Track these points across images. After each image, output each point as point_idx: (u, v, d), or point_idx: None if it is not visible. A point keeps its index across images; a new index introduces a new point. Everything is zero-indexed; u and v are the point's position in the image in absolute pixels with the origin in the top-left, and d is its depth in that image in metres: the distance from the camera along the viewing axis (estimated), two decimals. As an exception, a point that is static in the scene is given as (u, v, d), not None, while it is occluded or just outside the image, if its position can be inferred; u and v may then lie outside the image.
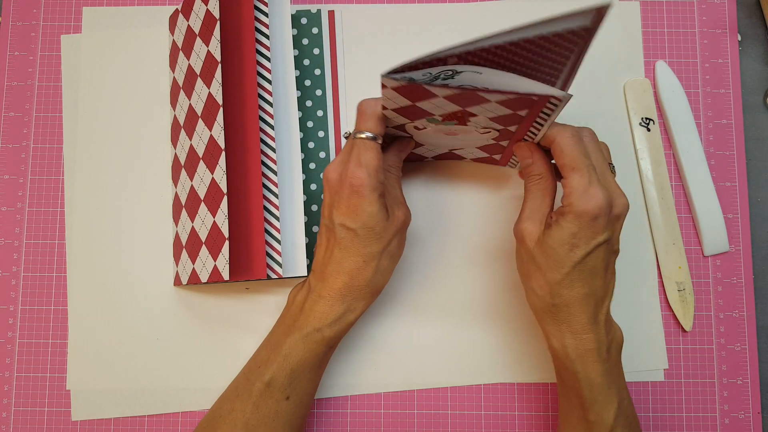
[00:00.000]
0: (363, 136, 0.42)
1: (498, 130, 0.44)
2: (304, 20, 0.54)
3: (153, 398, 0.51)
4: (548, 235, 0.41)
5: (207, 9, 0.48)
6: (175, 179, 0.53)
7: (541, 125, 0.41)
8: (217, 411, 0.45)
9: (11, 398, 0.52)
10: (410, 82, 0.37)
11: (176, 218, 0.52)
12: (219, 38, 0.47)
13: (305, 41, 0.54)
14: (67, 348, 0.52)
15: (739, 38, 0.56)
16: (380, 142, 0.42)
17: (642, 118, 0.54)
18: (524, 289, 0.44)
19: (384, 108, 0.42)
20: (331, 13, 0.55)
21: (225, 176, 0.46)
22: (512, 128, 0.43)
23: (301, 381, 0.44)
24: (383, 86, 0.40)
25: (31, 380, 0.52)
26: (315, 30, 0.54)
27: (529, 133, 0.43)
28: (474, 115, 0.41)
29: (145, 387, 0.52)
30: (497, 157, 0.50)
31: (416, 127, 0.45)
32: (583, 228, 0.39)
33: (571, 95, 0.38)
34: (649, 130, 0.54)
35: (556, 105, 0.38)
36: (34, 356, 0.52)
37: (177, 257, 0.52)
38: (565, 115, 0.51)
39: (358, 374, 0.52)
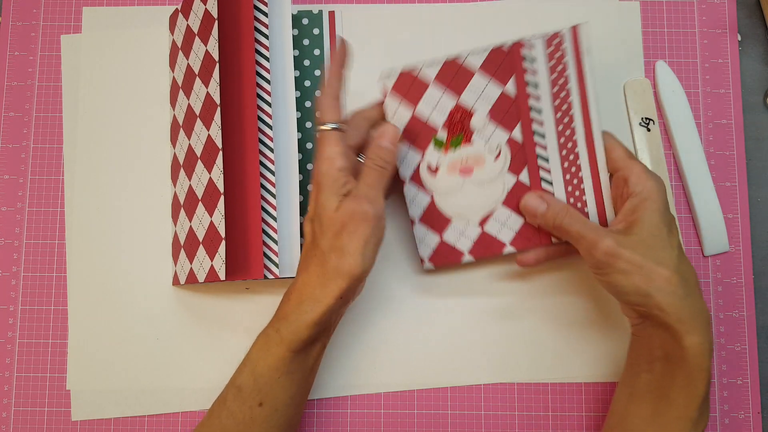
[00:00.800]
0: (322, 128, 0.42)
1: (508, 146, 0.45)
2: (305, 21, 0.54)
3: (153, 398, 0.51)
4: (640, 229, 0.40)
5: (206, 8, 0.48)
6: (174, 179, 0.53)
7: (539, 113, 0.44)
8: (203, 420, 0.44)
9: (11, 398, 0.52)
10: (402, 70, 0.46)
11: (175, 218, 0.52)
12: (217, 38, 0.47)
13: (306, 42, 0.54)
14: (67, 348, 0.52)
15: (739, 38, 0.56)
16: (342, 128, 0.43)
17: (642, 118, 0.54)
18: (645, 301, 0.40)
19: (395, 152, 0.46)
20: (332, 14, 0.55)
21: (222, 176, 0.46)
22: (517, 135, 0.45)
23: (271, 387, 0.42)
24: (384, 95, 0.46)
25: (31, 380, 0.52)
26: (316, 31, 0.54)
27: (538, 147, 0.45)
28: (472, 114, 0.45)
29: (145, 387, 0.51)
30: (533, 220, 0.46)
31: (429, 168, 0.47)
32: (665, 206, 0.41)
33: (538, 40, 0.43)
34: (649, 130, 0.54)
35: (532, 60, 0.43)
36: (34, 356, 0.52)
37: (175, 257, 0.52)
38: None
39: (358, 374, 0.51)
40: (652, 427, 0.41)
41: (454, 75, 0.45)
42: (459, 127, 0.46)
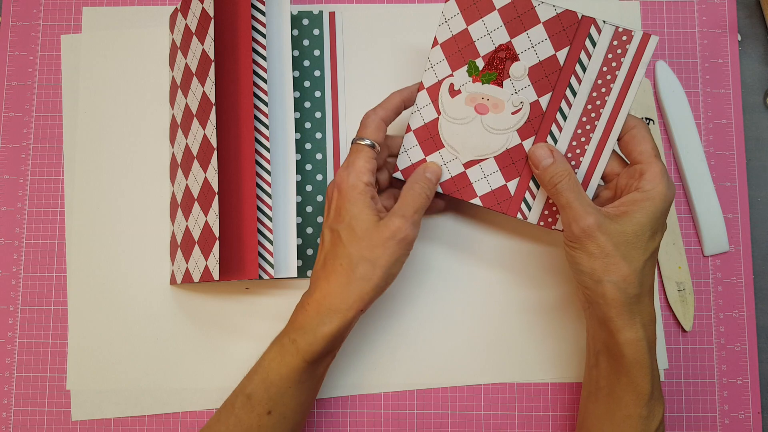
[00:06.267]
0: (359, 142, 0.44)
1: (530, 107, 0.45)
2: (305, 21, 0.54)
3: (153, 398, 0.51)
4: (628, 222, 0.40)
5: (203, 8, 0.47)
6: (173, 178, 0.52)
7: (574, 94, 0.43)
8: (208, 423, 0.44)
9: (11, 398, 0.51)
10: None
11: (173, 217, 0.52)
12: (213, 36, 0.46)
13: (306, 42, 0.54)
14: (67, 348, 0.51)
15: (739, 38, 0.56)
16: (377, 148, 0.44)
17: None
18: (594, 286, 0.41)
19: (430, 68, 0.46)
20: (332, 15, 0.55)
21: (217, 176, 0.45)
22: (543, 102, 0.44)
23: (282, 396, 0.42)
24: None
25: (31, 380, 0.52)
26: (316, 31, 0.54)
27: (554, 125, 0.44)
28: (516, 58, 0.44)
29: (145, 387, 0.51)
30: (512, 185, 0.46)
31: (452, 87, 0.46)
32: (663, 213, 0.41)
33: (610, 27, 0.43)
34: (649, 130, 0.54)
35: (594, 43, 0.43)
36: (34, 356, 0.52)
37: (173, 256, 0.51)
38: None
39: (358, 374, 0.51)
40: (607, 426, 0.42)
41: (519, 14, 0.44)
42: (498, 65, 0.45)
